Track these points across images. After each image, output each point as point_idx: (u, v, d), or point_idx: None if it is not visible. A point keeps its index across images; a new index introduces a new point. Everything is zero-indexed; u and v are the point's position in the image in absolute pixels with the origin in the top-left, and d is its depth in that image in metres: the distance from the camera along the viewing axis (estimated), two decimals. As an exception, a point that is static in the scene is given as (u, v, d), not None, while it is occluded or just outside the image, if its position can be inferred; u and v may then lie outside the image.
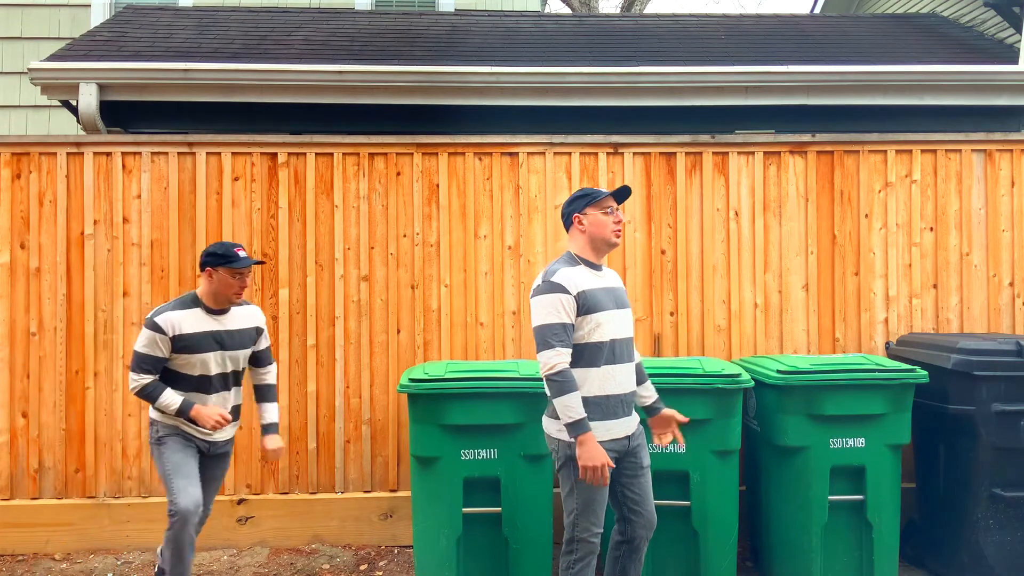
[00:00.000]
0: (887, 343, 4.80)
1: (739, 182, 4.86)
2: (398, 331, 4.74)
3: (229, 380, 3.65)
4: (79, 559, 4.48)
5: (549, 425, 3.11)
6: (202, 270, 3.54)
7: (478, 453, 3.72)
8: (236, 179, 4.75)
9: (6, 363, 4.61)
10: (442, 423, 3.70)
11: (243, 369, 3.73)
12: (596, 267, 3.14)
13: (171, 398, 3.47)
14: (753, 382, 3.89)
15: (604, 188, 4.81)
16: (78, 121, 5.36)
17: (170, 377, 3.53)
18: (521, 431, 3.72)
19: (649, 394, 3.31)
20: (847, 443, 3.85)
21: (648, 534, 3.20)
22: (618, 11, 14.05)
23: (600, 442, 2.97)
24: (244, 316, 3.68)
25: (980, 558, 3.92)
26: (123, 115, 5.55)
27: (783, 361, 4.05)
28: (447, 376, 3.75)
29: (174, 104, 5.49)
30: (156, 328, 3.44)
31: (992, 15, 6.74)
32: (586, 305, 3.00)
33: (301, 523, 4.61)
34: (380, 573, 4.29)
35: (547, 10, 12.69)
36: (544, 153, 4.84)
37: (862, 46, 6.37)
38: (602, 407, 3.03)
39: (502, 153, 4.84)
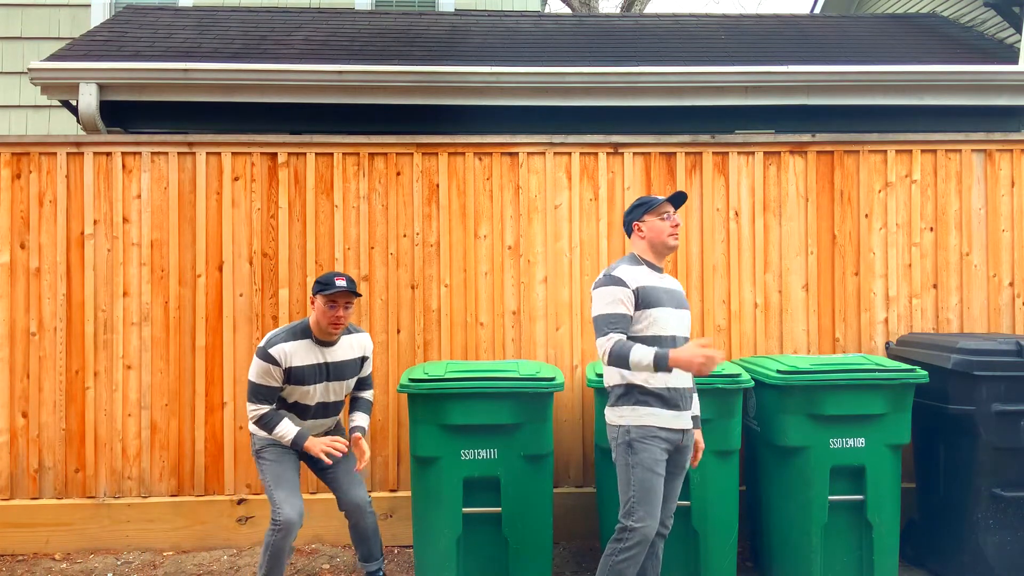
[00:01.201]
0: (887, 343, 4.80)
1: (739, 182, 4.86)
2: (398, 331, 4.74)
3: (330, 409, 3.69)
4: (79, 559, 4.48)
5: (609, 414, 3.24)
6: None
7: (478, 453, 3.72)
8: (236, 179, 4.75)
9: (6, 363, 4.61)
10: (442, 423, 3.70)
11: (344, 399, 3.75)
12: (658, 269, 3.27)
13: (286, 429, 3.49)
14: (753, 382, 3.89)
15: (604, 189, 4.82)
16: (78, 121, 5.36)
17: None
18: (521, 431, 3.71)
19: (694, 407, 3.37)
20: (847, 443, 3.85)
21: (665, 532, 3.29)
22: (618, 11, 14.05)
23: (660, 428, 3.11)
24: (349, 346, 3.67)
25: (980, 558, 3.92)
26: (123, 115, 5.55)
27: (783, 361, 4.05)
28: (447, 376, 3.75)
29: (174, 104, 5.49)
30: (270, 359, 3.45)
31: (992, 15, 6.74)
32: (644, 300, 3.14)
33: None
34: (380, 573, 4.29)
35: (547, 10, 12.69)
36: (544, 153, 4.84)
37: (862, 46, 6.37)
38: (664, 398, 3.14)
39: (502, 153, 4.84)
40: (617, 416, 3.19)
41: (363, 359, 3.75)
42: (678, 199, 3.32)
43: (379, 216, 4.78)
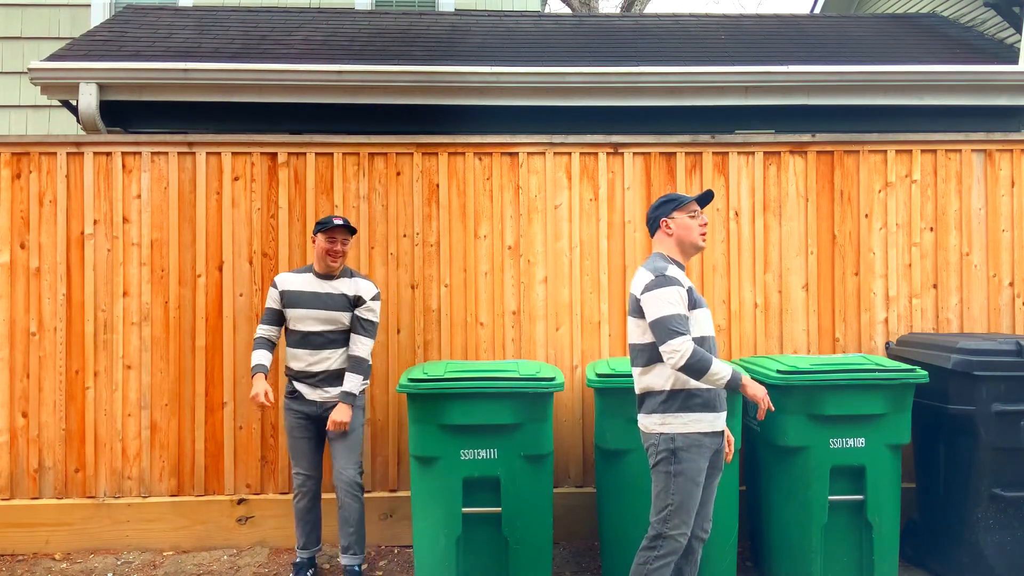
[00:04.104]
0: (887, 343, 4.80)
1: (739, 182, 4.86)
2: (398, 331, 4.74)
3: (312, 341, 3.99)
4: (79, 559, 4.48)
5: (647, 421, 3.13)
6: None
7: (478, 453, 3.72)
8: (236, 179, 4.75)
9: (6, 363, 4.61)
10: (442, 423, 3.70)
11: (335, 336, 3.99)
12: (683, 269, 3.20)
13: (254, 356, 4.06)
14: (753, 382, 3.89)
15: (604, 189, 4.82)
16: (78, 121, 5.36)
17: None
18: (521, 431, 3.71)
19: None
20: (847, 443, 3.85)
21: (705, 536, 3.20)
22: (618, 11, 14.04)
23: (703, 434, 3.04)
24: (347, 284, 4.03)
25: (980, 558, 3.92)
26: (123, 115, 5.55)
27: (783, 361, 4.05)
28: (447, 376, 3.75)
29: (174, 104, 5.49)
30: (272, 284, 4.09)
31: (992, 15, 6.74)
32: (690, 301, 3.07)
33: (301, 523, 4.61)
34: (380, 573, 4.29)
35: (547, 10, 12.69)
36: (544, 153, 4.84)
37: (862, 46, 6.36)
38: (705, 400, 3.08)
39: (502, 153, 4.84)
40: (658, 423, 3.06)
41: (357, 298, 3.95)
42: (705, 198, 3.25)
43: (379, 216, 4.78)
